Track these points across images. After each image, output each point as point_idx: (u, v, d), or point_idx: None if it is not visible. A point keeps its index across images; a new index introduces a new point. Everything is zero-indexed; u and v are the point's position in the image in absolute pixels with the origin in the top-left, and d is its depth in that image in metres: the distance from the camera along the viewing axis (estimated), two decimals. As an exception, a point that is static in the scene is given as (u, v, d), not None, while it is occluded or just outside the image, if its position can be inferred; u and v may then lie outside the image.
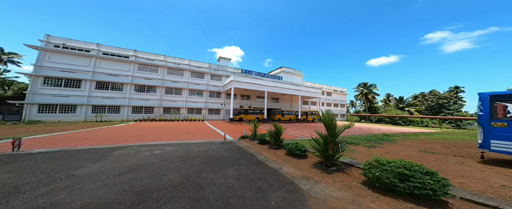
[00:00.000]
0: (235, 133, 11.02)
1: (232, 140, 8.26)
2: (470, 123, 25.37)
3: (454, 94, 30.97)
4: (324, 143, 3.77)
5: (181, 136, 9.13)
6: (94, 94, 18.75)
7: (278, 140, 6.05)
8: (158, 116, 21.37)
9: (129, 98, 20.34)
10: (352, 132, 13.15)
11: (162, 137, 8.31)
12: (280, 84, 24.36)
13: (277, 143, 6.05)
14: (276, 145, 6.06)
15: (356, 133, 12.78)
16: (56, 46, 17.70)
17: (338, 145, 3.71)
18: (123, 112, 19.92)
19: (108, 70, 19.61)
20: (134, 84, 20.76)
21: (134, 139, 7.48)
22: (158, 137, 8.42)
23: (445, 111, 29.89)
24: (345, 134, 12.06)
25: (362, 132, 13.29)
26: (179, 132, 10.54)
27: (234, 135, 9.79)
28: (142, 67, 21.61)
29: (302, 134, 11.34)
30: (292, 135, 10.81)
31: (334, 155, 3.64)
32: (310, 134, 11.65)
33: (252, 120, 23.58)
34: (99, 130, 10.34)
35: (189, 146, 6.32)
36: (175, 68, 23.35)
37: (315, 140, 4.20)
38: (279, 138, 6.08)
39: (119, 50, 20.55)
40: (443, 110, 30.05)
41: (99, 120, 17.98)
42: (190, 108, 23.91)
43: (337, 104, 34.84)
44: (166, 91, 22.68)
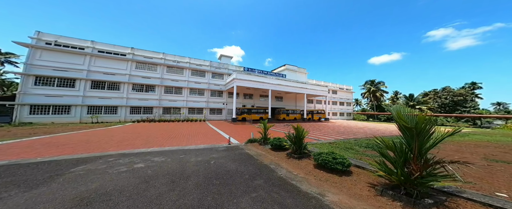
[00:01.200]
0: (240, 135, 9.55)
1: (238, 144, 6.79)
2: (489, 121, 23.50)
3: (471, 91, 28.98)
4: (402, 160, 2.25)
5: (179, 139, 7.68)
6: (89, 94, 17.42)
7: (301, 147, 4.54)
8: (157, 117, 20.00)
9: (127, 98, 18.99)
10: (369, 134, 11.58)
11: (155, 142, 6.86)
12: (285, 82, 22.83)
13: (299, 151, 4.53)
14: (298, 153, 4.55)
15: (374, 134, 11.21)
16: (47, 44, 16.38)
17: (431, 165, 2.20)
18: (121, 112, 18.58)
19: (104, 68, 18.27)
20: (132, 83, 19.40)
21: (119, 145, 6.04)
22: (150, 141, 6.98)
23: (460, 109, 27.88)
24: (361, 135, 10.52)
25: (383, 134, 11.69)
26: (176, 135, 9.11)
27: (240, 138, 8.32)
28: (140, 65, 20.24)
29: (318, 136, 9.80)
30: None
31: (425, 179, 2.13)
32: (324, 136, 10.12)
33: (256, 120, 22.47)
34: (85, 133, 8.93)
35: (185, 154, 4.86)
36: (175, 66, 21.96)
37: (381, 153, 2.68)
38: (302, 144, 4.58)
39: (115, 48, 19.20)
40: (458, 108, 28.05)
41: (95, 121, 16.66)
42: (191, 108, 22.51)
43: (343, 103, 33.15)
44: (165, 90, 21.30)
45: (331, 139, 8.68)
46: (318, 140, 8.31)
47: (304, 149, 4.59)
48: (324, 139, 8.62)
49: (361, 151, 5.63)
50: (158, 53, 21.46)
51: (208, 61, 24.21)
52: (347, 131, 12.73)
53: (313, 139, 8.53)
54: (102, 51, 18.53)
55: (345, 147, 6.12)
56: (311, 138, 8.85)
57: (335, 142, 7.31)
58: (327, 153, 3.68)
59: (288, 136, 4.93)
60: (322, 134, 10.80)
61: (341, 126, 18.08)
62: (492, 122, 23.64)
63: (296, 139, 4.64)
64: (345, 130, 13.56)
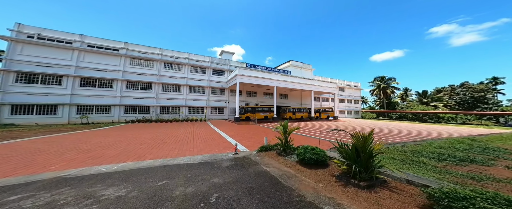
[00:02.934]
0: (247, 139, 7.62)
1: (247, 153, 4.86)
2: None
3: (492, 86, 26.56)
4: None
5: (169, 146, 5.76)
6: (78, 92, 15.52)
7: (369, 169, 2.56)
8: (154, 116, 18.11)
9: (121, 96, 17.08)
10: (386, 135, 9.58)
11: (133, 152, 4.94)
12: (291, 78, 20.82)
13: (365, 175, 2.55)
14: (364, 178, 2.57)
15: (393, 136, 9.21)
16: (29, 37, 14.42)
17: None
18: (114, 112, 16.70)
19: (94, 64, 16.33)
20: (126, 81, 17.47)
21: (74, 160, 4.12)
22: (128, 151, 5.06)
23: (481, 105, 25.49)
24: (402, 137, 8.53)
25: (406, 137, 9.69)
26: (169, 139, 7.18)
27: (248, 143, 6.39)
28: (134, 61, 18.27)
29: (340, 139, 7.80)
30: (315, 138, 7.34)
31: None
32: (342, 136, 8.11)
33: (260, 119, 20.48)
34: (50, 139, 7.03)
35: (168, 178, 2.94)
36: (173, 62, 19.97)
37: None
38: (370, 163, 2.59)
39: (107, 42, 17.22)
40: (479, 105, 25.68)
41: (85, 122, 14.80)
42: (191, 107, 20.59)
43: (351, 100, 31.04)
44: (163, 88, 19.36)
45: None
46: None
47: (376, 173, 2.59)
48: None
49: (439, 166, 3.68)
50: (154, 48, 19.47)
51: (209, 57, 22.20)
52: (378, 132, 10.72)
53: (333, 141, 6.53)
54: (92, 46, 16.56)
55: (409, 159, 4.14)
56: (327, 139, 6.88)
57: (386, 149, 5.34)
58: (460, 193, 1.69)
59: (342, 148, 2.94)
60: (340, 135, 8.82)
61: (362, 126, 16.08)
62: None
63: (361, 155, 2.65)
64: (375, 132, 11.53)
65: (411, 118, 24.77)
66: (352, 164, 2.59)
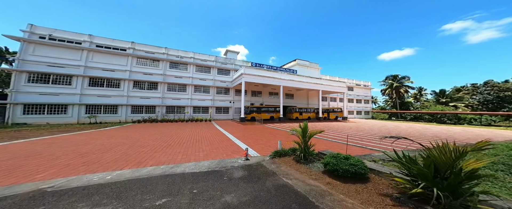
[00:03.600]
0: (256, 141, 6.96)
1: (260, 159, 4.20)
2: None
3: None
4: None
5: (173, 150, 5.22)
6: (87, 92, 15.59)
7: (461, 193, 1.75)
8: (160, 116, 17.94)
9: (127, 96, 17.02)
10: (421, 138, 8.53)
11: (133, 156, 4.43)
12: (298, 77, 19.95)
13: (459, 204, 1.74)
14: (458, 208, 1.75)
15: (428, 140, 8.16)
16: (41, 37, 14.62)
17: None
18: (121, 112, 16.66)
19: (102, 64, 16.37)
20: (133, 80, 17.41)
21: (73, 163, 3.66)
22: (128, 155, 4.56)
23: (508, 106, 23.09)
24: (417, 139, 7.51)
25: (464, 138, 8.59)
26: (173, 141, 6.68)
27: (258, 146, 5.74)
28: (141, 61, 18.20)
29: (365, 143, 6.98)
30: (335, 141, 6.52)
31: None
32: (368, 140, 7.26)
33: (266, 119, 19.77)
34: (53, 140, 6.75)
35: (171, 192, 2.34)
36: (178, 61, 19.74)
37: None
38: (462, 186, 1.76)
39: (115, 42, 17.23)
40: (506, 105, 23.30)
41: (93, 122, 14.81)
42: (196, 107, 20.27)
43: (360, 100, 29.51)
44: (168, 88, 19.17)
45: (409, 147, 5.85)
46: (367, 149, 5.51)
47: (475, 203, 1.72)
48: (382, 148, 5.79)
49: None
50: (160, 48, 19.32)
51: (214, 56, 21.81)
52: (406, 135, 9.71)
53: (358, 145, 5.69)
54: (100, 46, 16.61)
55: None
56: (354, 144, 6.04)
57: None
58: None
59: (407, 162, 2.17)
60: (370, 139, 7.93)
61: (380, 128, 14.96)
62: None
63: (446, 175, 1.85)
64: (401, 134, 10.54)
65: (428, 119, 22.97)
66: (431, 186, 1.80)
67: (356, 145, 6.34)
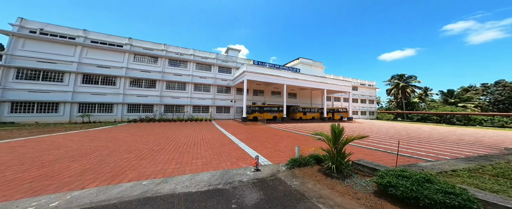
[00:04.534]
0: (263, 144, 5.97)
1: (274, 169, 3.21)
2: None
3: None
4: None
5: (165, 157, 4.23)
6: (80, 89, 14.57)
7: None
8: (158, 116, 16.93)
9: (124, 94, 16.01)
10: (450, 143, 7.55)
11: (115, 164, 3.46)
12: (302, 76, 18.99)
13: None
14: None
15: (464, 146, 7.18)
16: (32, 32, 13.61)
17: None
18: (117, 110, 15.64)
19: (97, 60, 15.35)
20: (129, 78, 16.40)
21: (21, 178, 2.75)
22: (107, 163, 3.60)
23: None
24: (468, 148, 6.53)
25: (481, 147, 7.62)
26: (169, 144, 5.68)
27: (267, 151, 4.74)
28: (138, 57, 17.20)
29: (391, 148, 5.98)
30: (362, 147, 5.53)
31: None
32: (392, 144, 6.25)
33: (269, 119, 18.68)
34: (28, 142, 5.79)
35: None
36: (178, 58, 18.75)
37: None
38: None
39: (111, 38, 16.23)
40: None
41: (87, 121, 13.79)
42: (196, 106, 19.26)
43: (365, 100, 28.48)
44: (167, 86, 18.17)
45: (445, 157, 4.87)
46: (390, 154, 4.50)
47: None
48: (431, 156, 4.79)
49: None
50: (159, 44, 18.33)
51: (214, 54, 20.81)
52: (428, 139, 8.71)
53: (379, 149, 4.66)
54: (95, 42, 15.61)
55: None
56: (374, 148, 5.01)
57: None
58: None
59: None
60: (391, 142, 6.92)
61: (396, 129, 13.96)
62: None
63: None
64: (422, 137, 9.55)
65: (436, 120, 21.94)
66: None
67: (385, 151, 5.33)
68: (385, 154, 4.86)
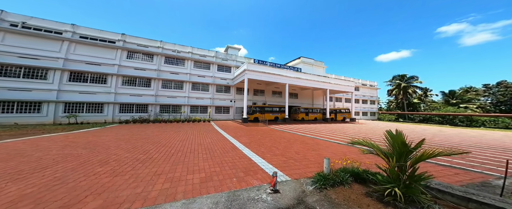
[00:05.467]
0: (271, 150, 5.04)
1: (297, 190, 2.21)
2: None
3: None
4: None
5: (151, 171, 3.24)
6: (67, 87, 13.30)
7: None
8: (153, 116, 15.76)
9: (115, 93, 14.79)
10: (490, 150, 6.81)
11: (74, 185, 2.50)
12: (304, 75, 18.24)
13: None
14: None
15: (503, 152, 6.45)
16: (13, 25, 12.30)
17: None
18: (107, 110, 14.39)
19: (86, 57, 14.12)
20: (122, 76, 15.19)
21: None
22: (70, 180, 2.63)
23: None
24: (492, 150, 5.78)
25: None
26: (159, 152, 4.69)
27: (278, 160, 3.82)
28: (132, 55, 16.02)
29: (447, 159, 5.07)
30: None
31: None
32: None
33: (271, 120, 17.81)
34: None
35: None
36: (175, 56, 17.66)
37: None
38: None
39: (102, 34, 15.02)
40: None
41: (73, 122, 12.52)
42: (194, 106, 18.17)
43: (366, 100, 27.96)
44: (163, 85, 17.03)
45: None
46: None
47: None
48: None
49: None
50: (155, 41, 17.20)
51: (213, 52, 19.82)
52: (469, 144, 7.92)
53: None
54: (85, 37, 14.37)
55: None
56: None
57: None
58: None
59: None
60: None
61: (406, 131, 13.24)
62: None
63: None
64: (435, 139, 8.80)
65: (438, 121, 21.56)
66: None
67: (448, 165, 4.45)
68: (446, 169, 3.91)
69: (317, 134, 8.90)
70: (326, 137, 7.90)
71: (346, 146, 6.07)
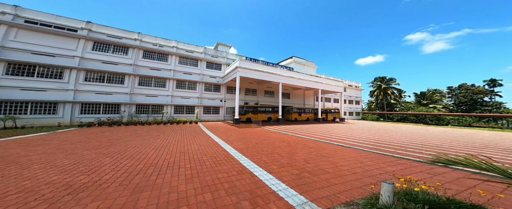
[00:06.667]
0: (273, 157, 3.99)
1: None
2: None
3: (491, 88, 26.56)
4: None
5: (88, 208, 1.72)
6: (2, 82, 10.09)
7: None
8: (127, 117, 13.23)
9: (75, 90, 11.94)
10: (464, 147, 6.81)
11: None
12: (298, 74, 17.81)
13: None
14: None
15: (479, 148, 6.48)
16: None
17: None
18: (63, 111, 11.46)
19: (33, 46, 11.07)
20: (85, 70, 12.39)
21: None
22: None
23: (480, 107, 25.27)
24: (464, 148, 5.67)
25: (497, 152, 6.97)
26: (117, 167, 3.19)
27: (288, 174, 2.71)
28: (100, 46, 13.30)
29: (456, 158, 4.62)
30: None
31: None
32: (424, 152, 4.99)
33: (264, 121, 16.66)
34: None
35: None
36: (156, 50, 15.38)
37: None
38: None
39: (60, 20, 12.07)
40: (478, 107, 25.50)
41: (10, 126, 9.47)
42: (179, 106, 16.06)
43: (352, 101, 29.23)
44: (140, 82, 14.59)
45: None
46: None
47: None
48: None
49: None
50: (131, 32, 14.71)
51: (202, 47, 18.04)
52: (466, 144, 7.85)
53: None
54: (33, 22, 11.27)
55: None
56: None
57: None
58: None
59: None
60: (418, 149, 5.70)
61: (398, 131, 13.43)
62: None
63: None
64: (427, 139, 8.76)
65: (413, 120, 23.61)
66: None
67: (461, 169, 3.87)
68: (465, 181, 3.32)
69: (316, 136, 8.18)
70: (327, 139, 7.19)
71: (352, 149, 5.36)
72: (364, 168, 3.40)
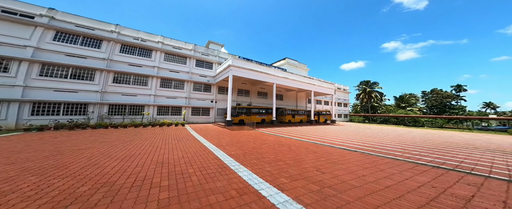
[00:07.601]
0: (281, 168, 3.02)
1: None
2: (477, 122, 23.32)
3: (456, 93, 29.98)
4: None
5: None
6: None
7: None
8: (96, 119, 11.06)
9: (24, 87, 9.57)
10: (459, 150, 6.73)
11: None
12: (292, 75, 17.44)
13: None
14: None
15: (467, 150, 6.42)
16: None
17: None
18: (8, 112, 8.98)
19: (-33, 27, 8.60)
20: (41, 62, 10.10)
21: None
22: None
23: (449, 110, 28.26)
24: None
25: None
26: (45, 194, 1.77)
27: (305, 192, 1.72)
28: (64, 36, 11.13)
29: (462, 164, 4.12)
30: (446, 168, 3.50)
31: None
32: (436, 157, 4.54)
33: (258, 123, 14.97)
34: None
35: None
36: (136, 45, 13.57)
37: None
38: None
39: (13, 4, 9.76)
40: (447, 110, 28.45)
41: None
42: (163, 106, 14.24)
43: (340, 103, 30.07)
44: (116, 79, 12.57)
45: None
46: None
47: None
48: None
49: None
50: (107, 24, 12.78)
51: (192, 44, 16.65)
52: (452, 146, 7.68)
53: None
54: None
55: None
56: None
57: None
58: None
59: None
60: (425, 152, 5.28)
61: (388, 131, 13.41)
62: (480, 123, 23.72)
63: None
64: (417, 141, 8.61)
65: (395, 121, 25.17)
66: None
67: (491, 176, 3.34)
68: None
69: (315, 138, 7.50)
70: (327, 142, 6.53)
71: (359, 153, 4.72)
72: (393, 179, 2.67)
